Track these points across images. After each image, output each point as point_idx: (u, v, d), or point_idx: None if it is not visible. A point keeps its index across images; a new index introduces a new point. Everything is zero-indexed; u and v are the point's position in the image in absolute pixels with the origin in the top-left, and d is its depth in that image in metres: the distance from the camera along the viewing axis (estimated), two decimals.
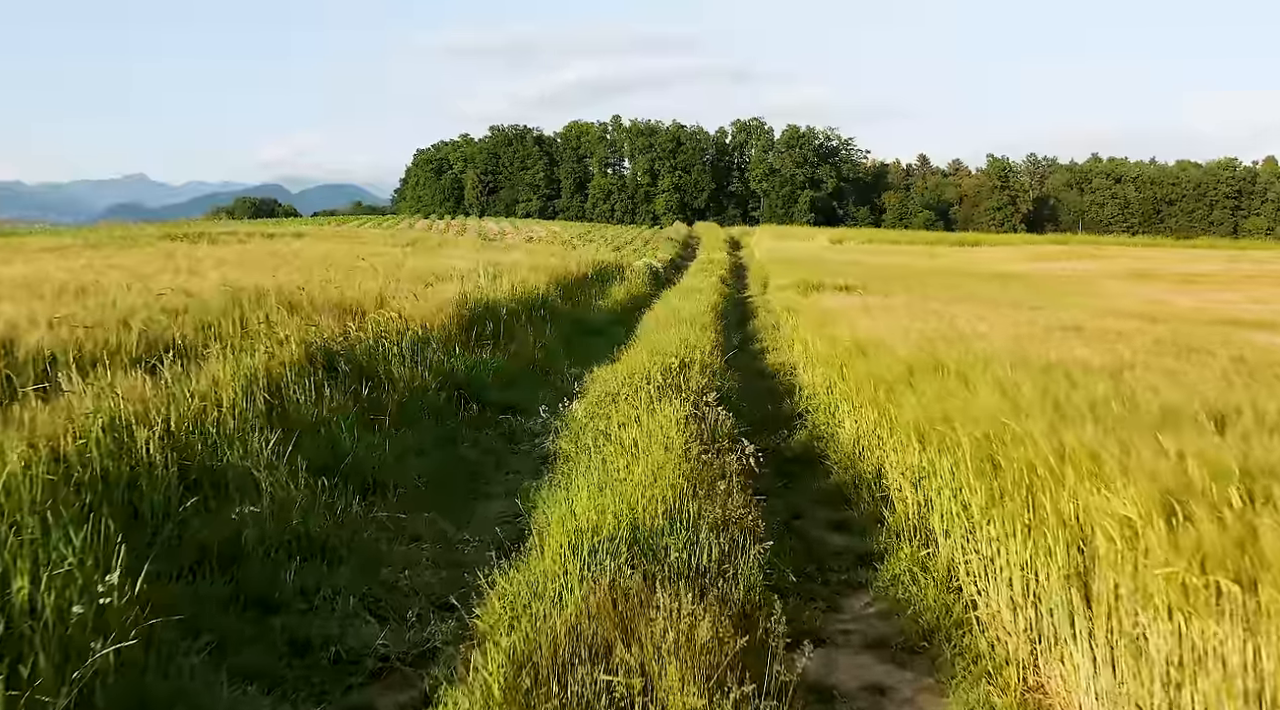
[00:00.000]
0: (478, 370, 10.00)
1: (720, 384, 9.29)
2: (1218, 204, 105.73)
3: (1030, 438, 4.70)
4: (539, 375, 11.75)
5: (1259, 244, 75.47)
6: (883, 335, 9.91)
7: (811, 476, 7.92)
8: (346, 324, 9.63)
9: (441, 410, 8.23)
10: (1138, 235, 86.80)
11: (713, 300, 20.18)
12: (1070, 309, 19.26)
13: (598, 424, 7.03)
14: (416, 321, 10.90)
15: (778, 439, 9.02)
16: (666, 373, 8.69)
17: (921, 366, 7.48)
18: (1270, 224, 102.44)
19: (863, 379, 7.97)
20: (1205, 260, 43.29)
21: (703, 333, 13.84)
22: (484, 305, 13.55)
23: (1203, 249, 59.43)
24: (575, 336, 16.61)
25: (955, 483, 5.18)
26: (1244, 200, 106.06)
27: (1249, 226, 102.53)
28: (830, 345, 10.71)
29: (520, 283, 18.03)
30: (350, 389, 7.43)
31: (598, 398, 8.02)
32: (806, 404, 10.17)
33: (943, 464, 5.42)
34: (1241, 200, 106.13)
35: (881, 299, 17.11)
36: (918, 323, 12.11)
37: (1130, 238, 78.30)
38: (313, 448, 6.00)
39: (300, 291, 11.40)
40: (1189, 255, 49.49)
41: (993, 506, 4.65)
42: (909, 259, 40.26)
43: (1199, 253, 52.33)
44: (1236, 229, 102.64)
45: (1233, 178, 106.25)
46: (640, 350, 11.81)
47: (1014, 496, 4.62)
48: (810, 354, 12.28)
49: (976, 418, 5.41)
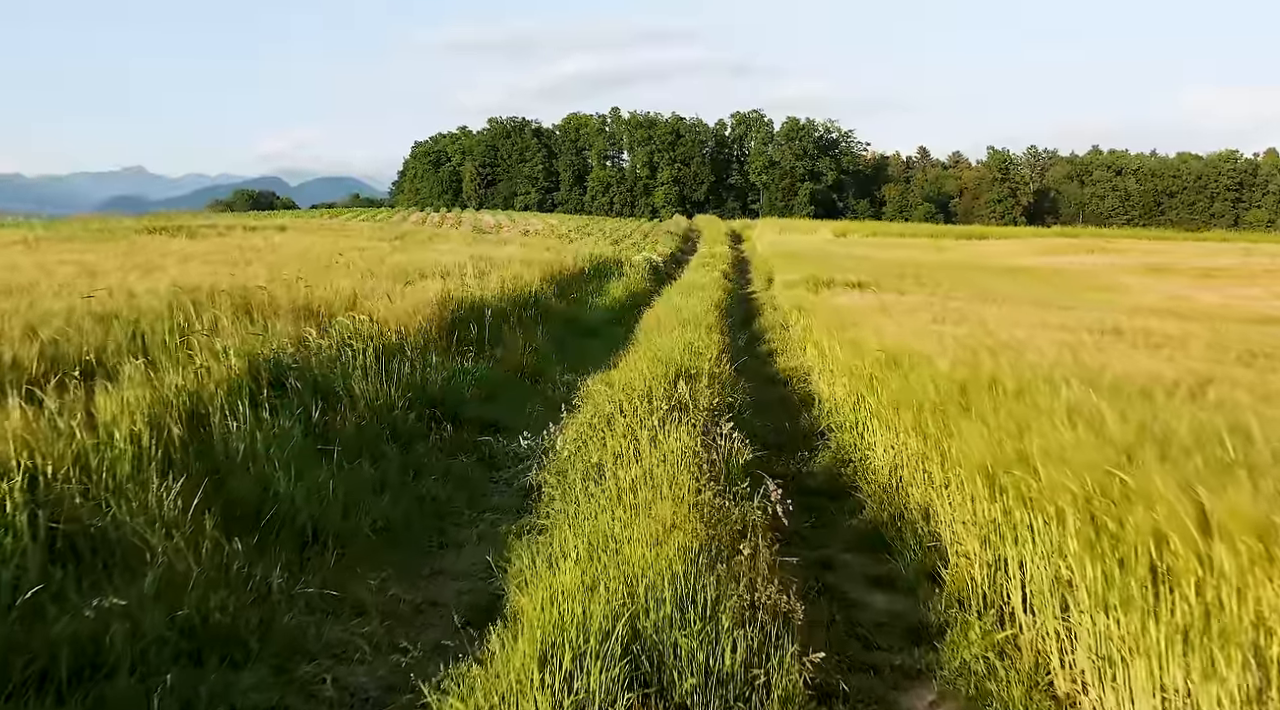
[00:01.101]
0: (456, 381, 8.85)
1: (732, 399, 8.15)
2: (1218, 196, 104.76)
3: (1156, 497, 3.56)
4: (527, 384, 10.60)
5: (1268, 237, 74.23)
6: (913, 342, 8.76)
7: (840, 511, 6.78)
8: (307, 330, 8.47)
9: (410, 433, 7.07)
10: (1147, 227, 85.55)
11: (716, 298, 19.02)
12: (1097, 307, 18.13)
13: (589, 455, 5.89)
14: (390, 325, 9.74)
15: (798, 463, 7.88)
16: (670, 385, 7.56)
17: (972, 384, 6.34)
18: (1271, 216, 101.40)
19: (899, 397, 6.83)
20: (1219, 254, 42.12)
21: (708, 335, 12.70)
22: (469, 305, 12.40)
23: (1214, 242, 58.20)
24: (570, 338, 15.47)
25: (1049, 550, 4.03)
26: (1245, 192, 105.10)
27: (1250, 219, 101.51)
28: (854, 353, 9.56)
29: (511, 279, 16.87)
30: (298, 411, 6.28)
31: (591, 419, 6.87)
32: (828, 420, 9.03)
33: (1027, 521, 4.28)
34: (1242, 192, 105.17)
35: (897, 297, 15.97)
36: (947, 327, 10.97)
37: (1140, 231, 77.03)
38: (239, 493, 4.86)
39: (262, 291, 10.25)
40: (1201, 249, 48.30)
41: (1110, 591, 3.51)
42: (915, 252, 39.07)
43: (1211, 246, 51.10)
44: (1237, 221, 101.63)
45: (1233, 170, 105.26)
46: (640, 356, 10.67)
47: (1136, 573, 3.49)
48: (829, 361, 11.14)
49: (1065, 460, 4.27)
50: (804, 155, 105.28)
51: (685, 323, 14.18)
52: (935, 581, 5.19)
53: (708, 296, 18.58)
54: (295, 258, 15.88)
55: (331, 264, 14.68)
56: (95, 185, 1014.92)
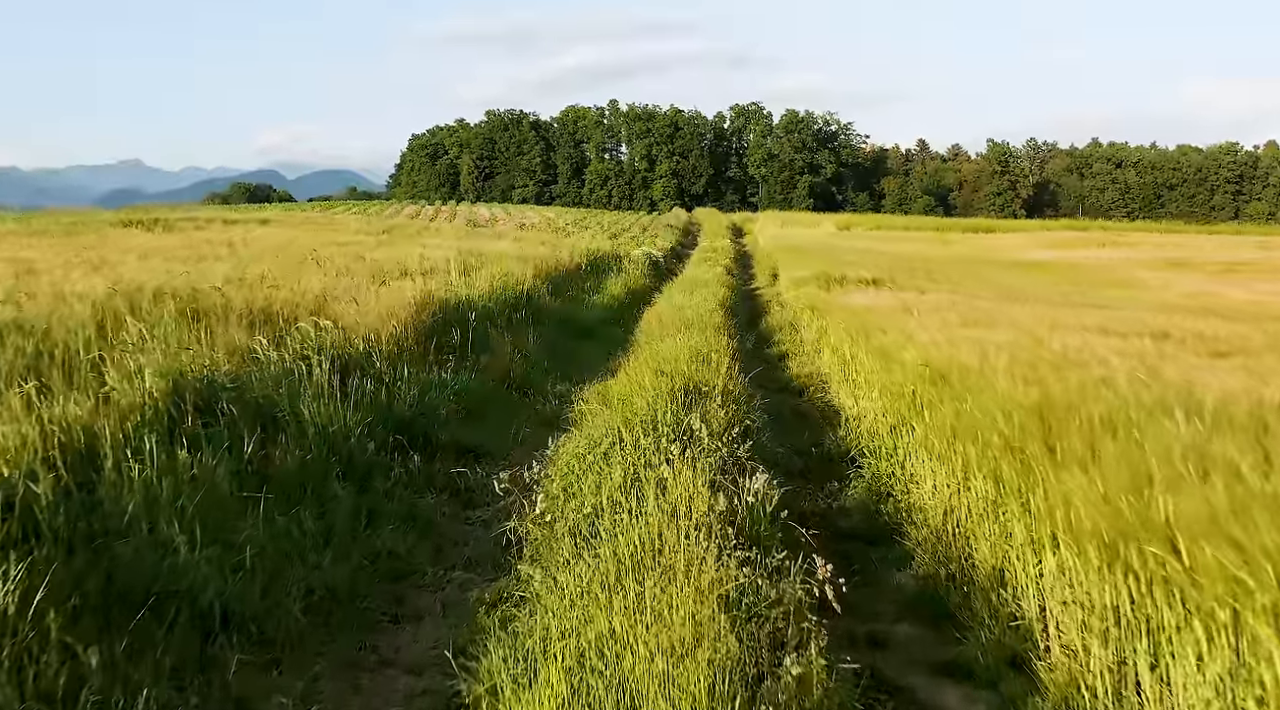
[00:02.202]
0: (431, 398, 7.70)
1: (749, 419, 7.01)
2: (1219, 188, 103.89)
3: None
4: (515, 397, 9.45)
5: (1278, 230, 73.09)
6: (953, 351, 7.62)
7: (884, 562, 5.65)
8: (257, 340, 7.32)
9: (368, 467, 5.91)
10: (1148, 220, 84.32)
11: (720, 295, 17.86)
12: (1127, 305, 16.99)
13: (581, 502, 4.76)
14: (358, 332, 8.59)
15: (827, 497, 6.75)
16: (678, 404, 6.42)
17: (1048, 411, 5.20)
18: (1272, 209, 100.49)
19: (958, 425, 5.68)
20: (1236, 248, 40.98)
21: (715, 338, 11.57)
22: (453, 306, 11.25)
23: (1227, 235, 57.02)
24: (565, 340, 14.32)
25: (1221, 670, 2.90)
26: (1245, 185, 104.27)
27: (1250, 211, 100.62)
28: (884, 363, 8.42)
29: (502, 276, 15.71)
30: (227, 445, 5.13)
31: (585, 450, 5.73)
32: (858, 441, 7.89)
33: (1174, 620, 3.14)
34: (1243, 185, 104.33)
35: (917, 296, 14.82)
36: (984, 331, 9.83)
37: (1150, 223, 75.89)
38: (120, 568, 3.72)
39: (216, 292, 9.09)
40: (1215, 243, 47.13)
41: None
42: (923, 246, 37.89)
43: (1225, 240, 49.91)
44: (1238, 214, 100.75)
45: (1234, 162, 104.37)
46: (642, 365, 9.53)
47: None
48: (853, 369, 10.00)
49: (1226, 536, 3.14)
50: (803, 148, 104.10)
51: (689, 324, 13.05)
52: (1022, 671, 4.07)
53: (711, 294, 17.43)
54: (268, 253, 14.71)
55: (306, 260, 13.52)
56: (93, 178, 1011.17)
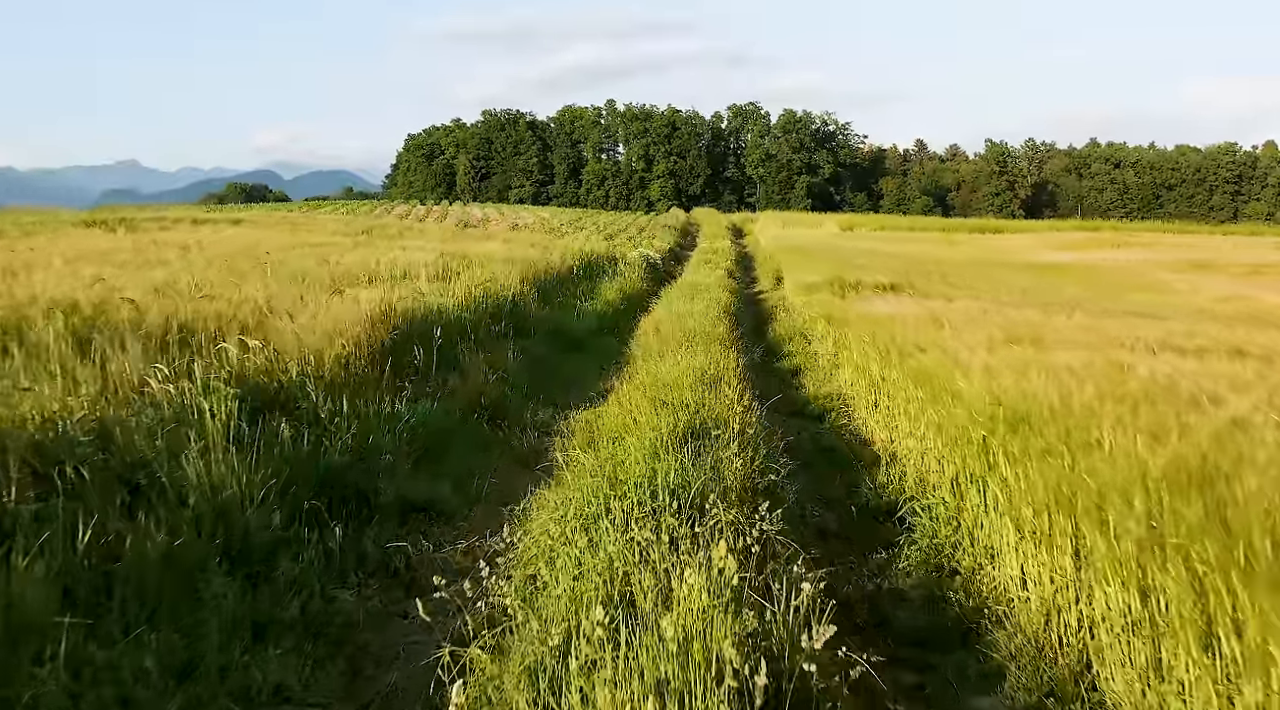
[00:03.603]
0: (377, 439, 6.22)
1: (773, 472, 5.54)
2: (1217, 189, 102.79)
3: None
4: (486, 430, 7.96)
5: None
6: (1025, 381, 6.15)
7: (960, 677, 4.19)
8: (153, 369, 5.85)
9: (270, 548, 4.42)
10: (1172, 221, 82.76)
11: (723, 301, 16.42)
12: (1169, 313, 15.56)
13: (547, 629, 3.30)
14: (294, 354, 7.13)
15: (874, 574, 5.26)
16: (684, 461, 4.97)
17: (1202, 485, 3.75)
18: (1271, 209, 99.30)
19: (1061, 494, 4.22)
20: (1254, 248, 39.57)
21: (722, 354, 10.14)
22: (420, 319, 9.78)
23: (1242, 236, 55.59)
24: (553, 354, 12.85)
25: None
26: (1244, 185, 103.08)
27: (1249, 211, 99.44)
28: (929, 391, 6.94)
29: (484, 282, 14.24)
30: (62, 525, 3.67)
31: (560, 530, 4.26)
32: (902, 488, 6.43)
33: None
34: (1242, 185, 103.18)
35: (944, 303, 13.35)
36: (1040, 351, 8.37)
37: (1161, 223, 74.41)
38: None
39: (129, 305, 7.63)
40: (1231, 243, 45.73)
41: None
42: (930, 247, 36.43)
43: (1241, 241, 48.48)
44: (1236, 214, 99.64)
45: (1233, 162, 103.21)
46: (638, 390, 8.08)
47: None
48: (884, 395, 8.54)
49: None
50: (801, 148, 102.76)
51: (691, 336, 11.62)
52: None
53: (713, 300, 15.98)
54: (223, 257, 13.21)
55: (262, 264, 12.03)
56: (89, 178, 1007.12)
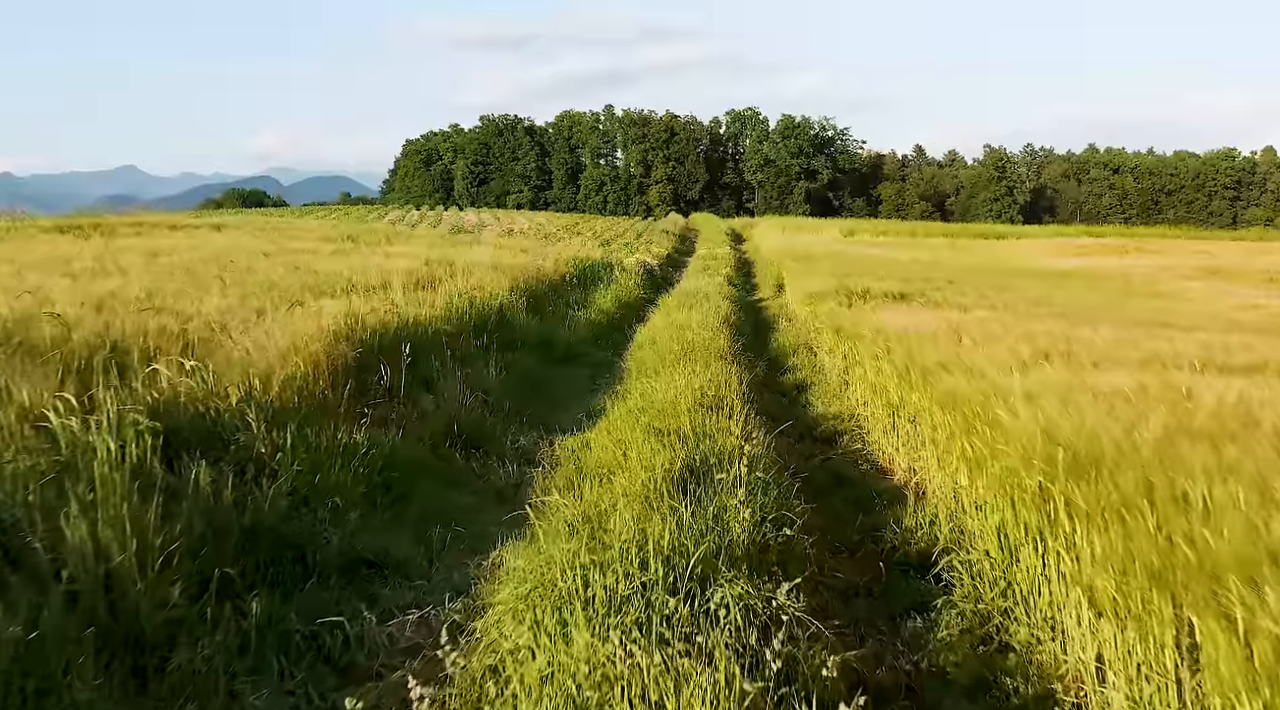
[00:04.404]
0: (326, 479, 5.33)
1: (789, 522, 4.65)
2: (1216, 194, 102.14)
3: None
4: (459, 461, 7.06)
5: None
6: (1077, 412, 5.27)
7: None
8: (67, 396, 4.97)
9: (166, 633, 3.51)
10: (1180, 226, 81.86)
11: (722, 310, 15.53)
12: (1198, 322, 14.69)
13: None
14: (238, 377, 6.24)
15: (909, 646, 4.37)
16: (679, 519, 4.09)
17: None
18: (1270, 215, 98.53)
19: (1155, 568, 3.34)
20: (1267, 254, 38.68)
21: (723, 370, 9.28)
22: (395, 331, 8.90)
23: (1252, 241, 54.75)
24: (542, 367, 11.98)
25: None
26: (1243, 191, 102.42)
27: (1248, 217, 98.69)
28: (962, 420, 6.04)
29: (469, 290, 13.38)
30: None
31: (530, 617, 3.38)
32: (932, 531, 5.54)
33: None
34: (1241, 191, 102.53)
35: (960, 314, 12.46)
36: (1079, 370, 7.49)
37: (1170, 228, 73.53)
38: None
39: (55, 321, 6.75)
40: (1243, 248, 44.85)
41: None
42: (935, 253, 35.52)
43: (1252, 246, 47.52)
44: (1235, 220, 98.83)
45: (1231, 168, 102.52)
46: (630, 414, 7.22)
47: None
48: (902, 418, 7.65)
49: None
50: (799, 153, 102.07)
51: (690, 349, 10.77)
52: None
53: (713, 309, 15.11)
54: (188, 266, 12.33)
55: (226, 274, 11.15)
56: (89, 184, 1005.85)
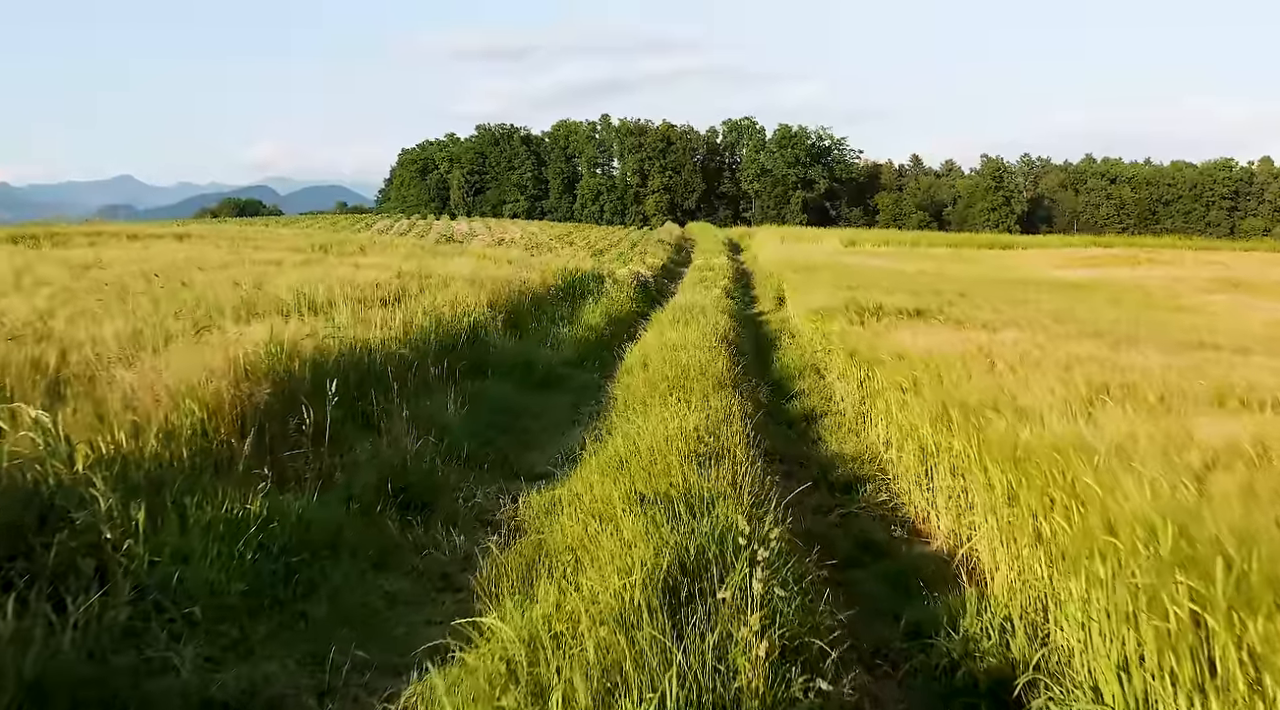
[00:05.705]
0: (194, 570, 3.97)
1: (813, 665, 3.30)
2: (1214, 204, 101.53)
3: None
4: (392, 530, 5.66)
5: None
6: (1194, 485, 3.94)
7: None
8: None
9: None
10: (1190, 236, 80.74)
11: (720, 327, 14.18)
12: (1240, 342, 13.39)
13: None
14: (103, 427, 4.88)
15: None
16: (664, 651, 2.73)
17: None
18: (1268, 225, 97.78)
19: None
20: None
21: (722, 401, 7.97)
22: (331, 361, 7.54)
23: (1264, 252, 53.60)
24: (518, 394, 10.60)
25: None
26: (1240, 201, 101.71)
27: (1246, 227, 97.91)
28: (1029, 482, 4.69)
29: (439, 307, 12.03)
30: None
31: None
32: (1005, 646, 4.19)
33: None
34: (1238, 201, 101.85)
35: (987, 334, 11.12)
36: (1159, 417, 6.15)
37: (1180, 238, 72.38)
38: None
39: None
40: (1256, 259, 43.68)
41: None
42: (941, 265, 34.22)
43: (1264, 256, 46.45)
44: (1233, 230, 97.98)
45: (1229, 178, 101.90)
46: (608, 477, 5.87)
47: None
48: (941, 471, 6.29)
49: None
50: (796, 163, 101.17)
51: (685, 375, 9.46)
52: None
53: (710, 326, 13.76)
54: (119, 280, 10.96)
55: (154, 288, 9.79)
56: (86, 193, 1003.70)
